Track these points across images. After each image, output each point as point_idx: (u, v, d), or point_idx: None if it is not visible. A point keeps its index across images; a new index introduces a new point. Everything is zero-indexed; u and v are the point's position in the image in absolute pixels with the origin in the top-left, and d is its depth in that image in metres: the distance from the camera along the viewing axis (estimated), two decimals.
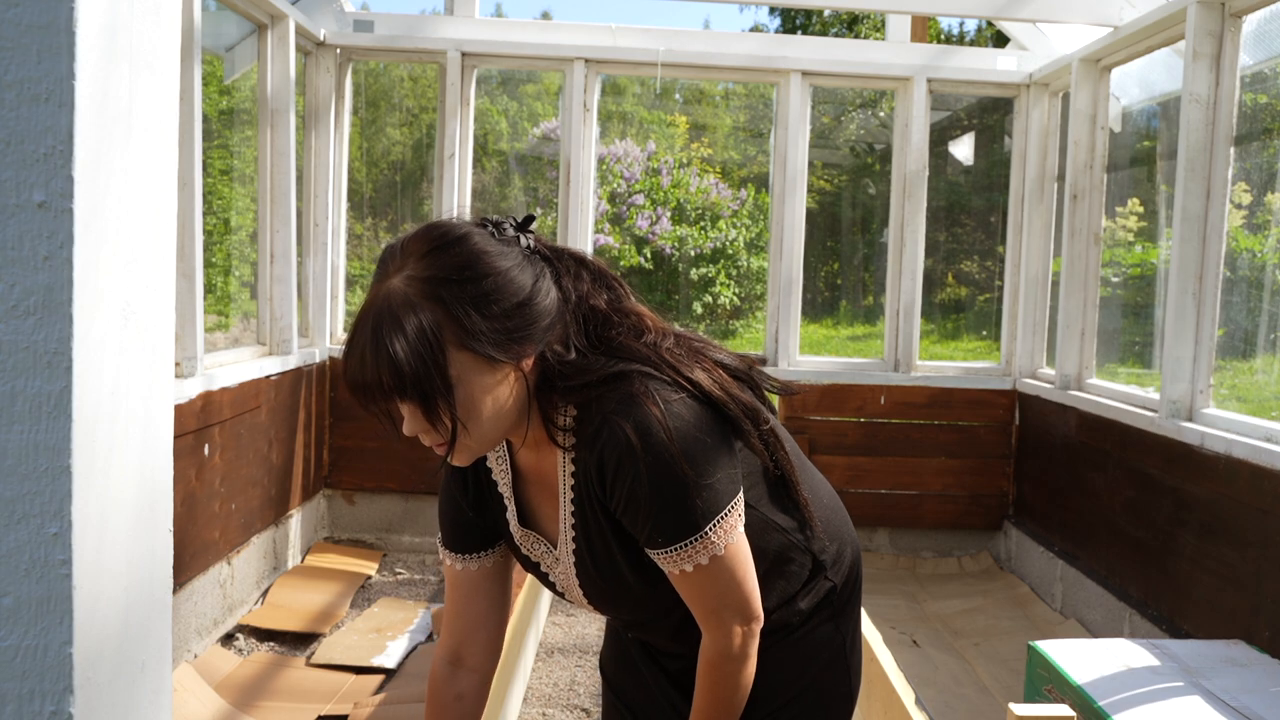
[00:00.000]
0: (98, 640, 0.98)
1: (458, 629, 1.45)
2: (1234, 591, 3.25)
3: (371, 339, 1.13)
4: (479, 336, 1.14)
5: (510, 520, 1.40)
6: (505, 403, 1.20)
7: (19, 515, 0.91)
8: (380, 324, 1.13)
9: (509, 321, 1.16)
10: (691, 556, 1.22)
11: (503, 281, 1.16)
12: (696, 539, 1.21)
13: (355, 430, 5.03)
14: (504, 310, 1.15)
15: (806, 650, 1.41)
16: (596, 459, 1.21)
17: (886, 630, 4.12)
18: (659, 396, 1.20)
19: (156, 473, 1.10)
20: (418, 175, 5.92)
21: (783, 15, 17.84)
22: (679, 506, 1.20)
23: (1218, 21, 3.55)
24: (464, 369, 1.15)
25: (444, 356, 1.13)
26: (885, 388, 5.09)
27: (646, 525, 1.22)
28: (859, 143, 6.53)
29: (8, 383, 0.90)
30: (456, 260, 1.15)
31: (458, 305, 1.13)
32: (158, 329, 1.09)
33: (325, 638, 3.92)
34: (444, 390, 1.14)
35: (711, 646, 1.28)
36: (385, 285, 1.15)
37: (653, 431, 1.18)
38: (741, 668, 1.29)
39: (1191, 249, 3.59)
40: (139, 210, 1.04)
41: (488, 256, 1.16)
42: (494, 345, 1.15)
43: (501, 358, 1.16)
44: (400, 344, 1.11)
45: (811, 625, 1.41)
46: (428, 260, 1.15)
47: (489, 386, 1.17)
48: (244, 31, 4.47)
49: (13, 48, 0.89)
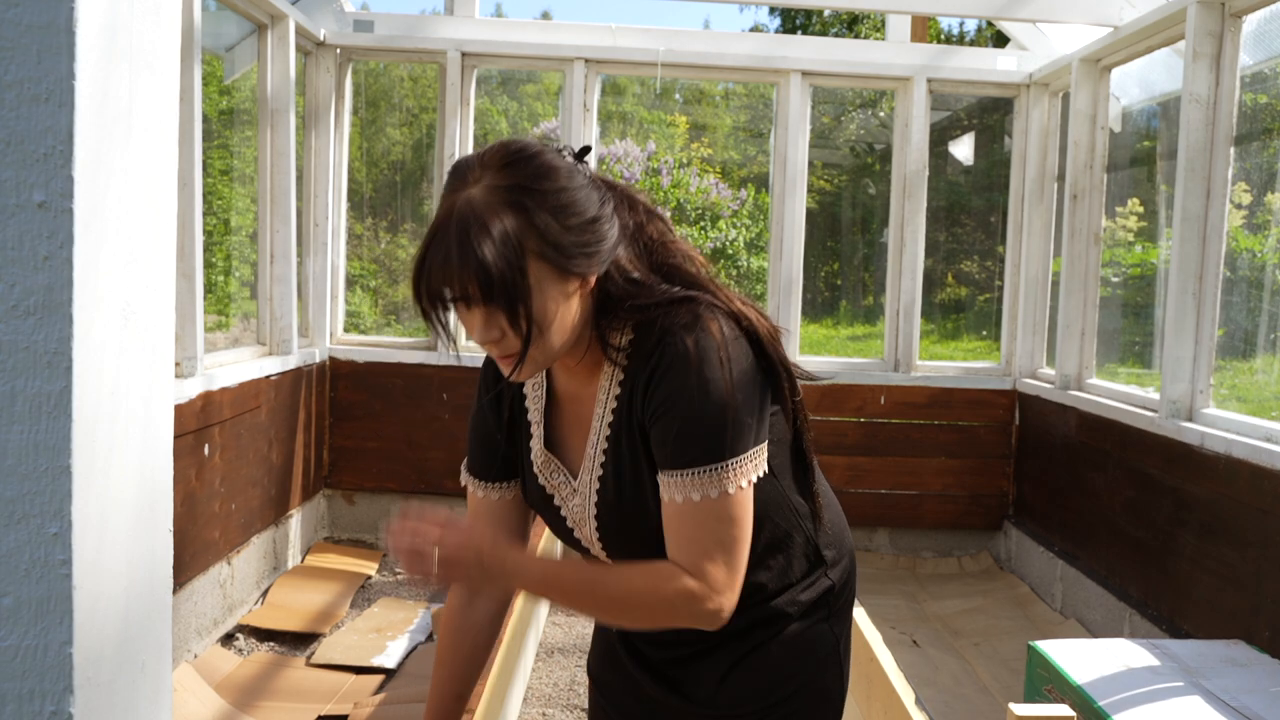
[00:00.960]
0: (98, 640, 0.98)
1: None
2: (1234, 591, 3.25)
3: (458, 243, 1.13)
4: (556, 247, 1.16)
5: (534, 446, 1.39)
6: (572, 318, 1.22)
7: (19, 515, 0.91)
8: (467, 229, 1.14)
9: (582, 235, 1.18)
10: (702, 485, 1.20)
11: (577, 196, 1.19)
12: (716, 468, 1.20)
13: (355, 430, 5.03)
14: (578, 224, 1.18)
15: (804, 648, 1.39)
16: (649, 366, 1.23)
17: (886, 630, 4.12)
18: (723, 323, 1.24)
19: (156, 473, 1.11)
20: (418, 175, 5.92)
21: (783, 15, 17.85)
22: (712, 429, 1.20)
23: (1218, 21, 3.55)
24: (540, 278, 1.17)
25: (526, 263, 1.15)
26: (885, 388, 5.09)
27: (673, 438, 1.21)
28: (859, 143, 6.53)
29: (8, 383, 0.90)
30: (535, 171, 1.17)
31: (538, 214, 1.16)
32: (158, 329, 1.09)
33: (325, 638, 3.92)
34: (526, 296, 1.15)
35: (679, 574, 1.20)
36: (464, 194, 1.16)
37: (711, 350, 1.21)
38: (674, 607, 1.21)
39: (1191, 249, 3.59)
40: (139, 210, 1.03)
41: (562, 171, 1.19)
42: (568, 257, 1.17)
43: (574, 270, 1.18)
44: (488, 248, 1.13)
45: (809, 622, 1.40)
46: (507, 171, 1.17)
47: (560, 298, 1.19)
48: (244, 31, 4.47)
49: (13, 48, 0.89)
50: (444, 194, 1.19)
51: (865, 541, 5.22)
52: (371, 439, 5.02)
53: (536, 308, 1.17)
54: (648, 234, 1.31)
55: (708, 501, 1.20)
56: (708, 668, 1.39)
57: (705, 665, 1.39)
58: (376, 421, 5.01)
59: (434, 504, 4.69)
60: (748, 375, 1.23)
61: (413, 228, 6.01)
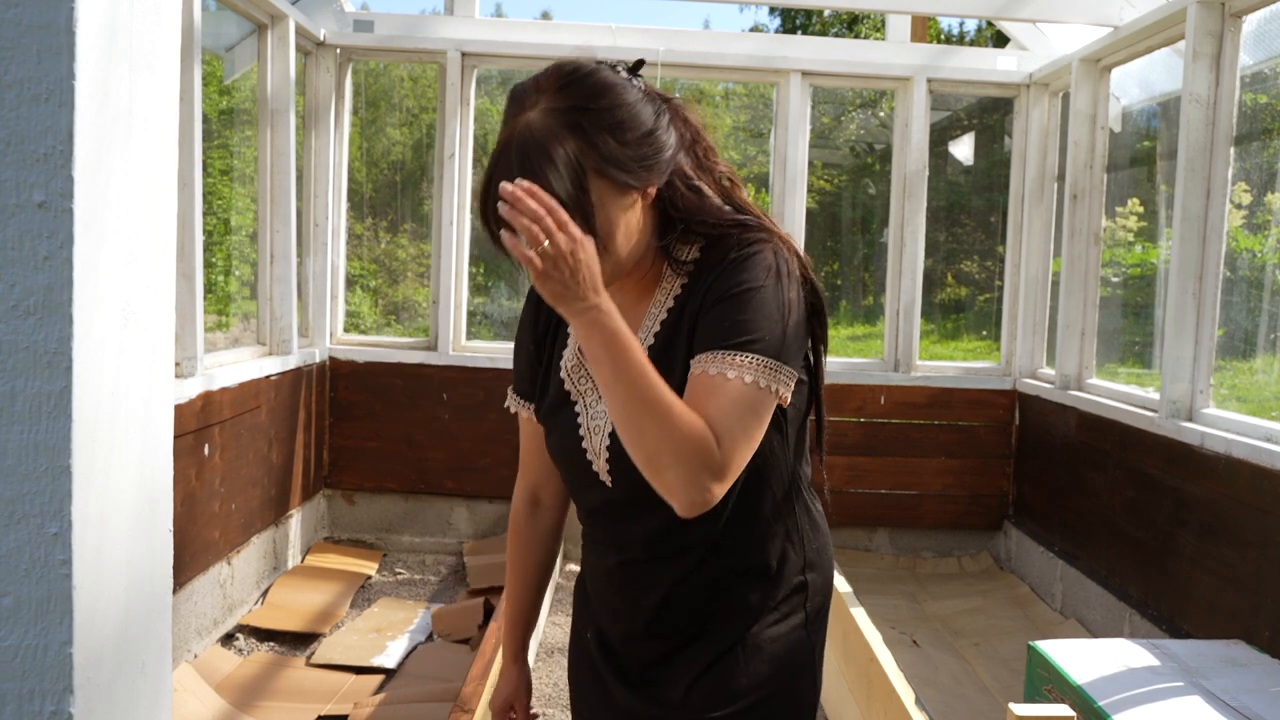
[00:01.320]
0: (98, 640, 0.98)
1: (531, 472, 1.54)
2: (1234, 591, 3.25)
3: (520, 169, 1.16)
4: (615, 163, 1.19)
5: (567, 352, 1.39)
6: (635, 230, 1.25)
7: (19, 515, 0.91)
8: (527, 153, 1.17)
9: (639, 149, 1.21)
10: (754, 370, 1.19)
11: (633, 111, 1.21)
12: (770, 364, 1.20)
13: (355, 430, 5.03)
14: (635, 138, 1.21)
15: (780, 652, 1.37)
16: (719, 267, 1.25)
17: (886, 630, 4.12)
18: (791, 259, 1.28)
19: (156, 473, 1.11)
20: (418, 175, 5.92)
21: (783, 15, 17.85)
22: (774, 327, 1.21)
23: (1218, 21, 3.55)
24: (602, 194, 1.19)
25: (587, 181, 1.18)
26: (885, 388, 5.09)
27: (736, 319, 1.21)
28: (859, 143, 6.52)
29: (8, 383, 0.90)
30: (590, 90, 1.20)
31: (595, 133, 1.18)
32: (158, 329, 1.09)
33: (325, 638, 3.92)
34: (590, 215, 1.17)
35: (707, 429, 1.17)
36: (523, 119, 1.19)
37: (783, 268, 1.25)
38: (686, 448, 1.15)
39: (1191, 249, 3.59)
40: (139, 210, 1.03)
41: (617, 88, 1.22)
42: (627, 172, 1.20)
43: (634, 184, 1.21)
44: (550, 171, 1.15)
45: (786, 627, 1.38)
46: (563, 93, 1.20)
47: (622, 212, 1.22)
48: (244, 31, 4.47)
49: (13, 48, 0.89)
50: (504, 122, 1.22)
51: (865, 541, 5.22)
52: (371, 439, 5.02)
53: (601, 224, 1.19)
54: (703, 145, 1.33)
55: (752, 389, 1.19)
56: (682, 665, 1.37)
57: (680, 663, 1.37)
58: (376, 421, 5.01)
59: (434, 504, 4.69)
60: (802, 311, 1.27)
61: (413, 228, 6.01)
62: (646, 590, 1.38)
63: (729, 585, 1.35)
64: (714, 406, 1.17)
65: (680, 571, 1.35)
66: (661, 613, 1.36)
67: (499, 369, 4.97)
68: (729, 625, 1.36)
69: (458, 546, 5.06)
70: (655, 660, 1.39)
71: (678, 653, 1.38)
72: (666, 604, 1.36)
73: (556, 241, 1.07)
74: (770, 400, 1.21)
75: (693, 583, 1.35)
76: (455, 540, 5.07)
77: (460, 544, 5.05)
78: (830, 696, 3.32)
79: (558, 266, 1.08)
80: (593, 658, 1.48)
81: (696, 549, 1.34)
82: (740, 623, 1.36)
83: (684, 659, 1.37)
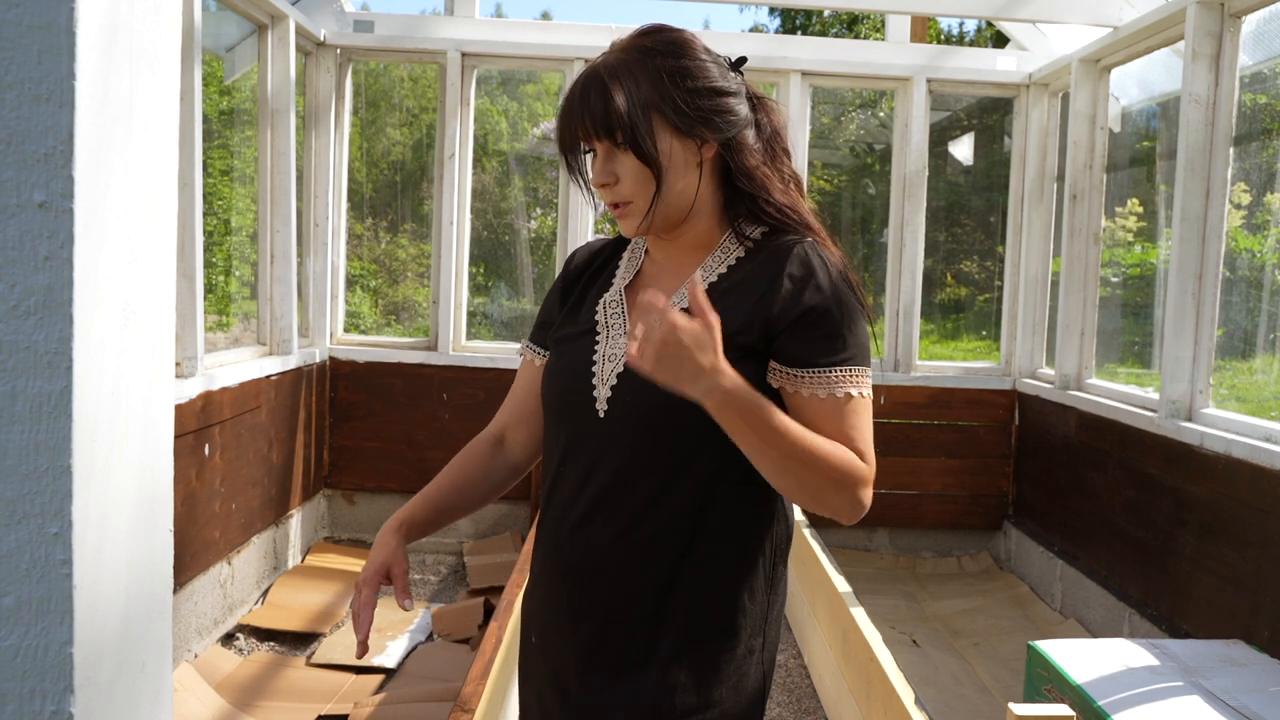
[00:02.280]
0: (98, 640, 0.98)
1: (508, 414, 1.56)
2: (1234, 591, 3.26)
3: (591, 92, 1.29)
4: (673, 103, 1.29)
5: (608, 295, 1.41)
6: (688, 181, 1.32)
7: (19, 515, 0.91)
8: (599, 80, 1.30)
9: (700, 100, 1.30)
10: (858, 382, 1.28)
11: (702, 67, 1.31)
12: (857, 369, 1.28)
13: (355, 430, 5.03)
14: (697, 89, 1.30)
15: (734, 677, 1.34)
16: (796, 263, 1.30)
17: (886, 630, 4.12)
18: (843, 263, 1.34)
19: (156, 473, 1.11)
20: (418, 175, 5.92)
21: (783, 15, 17.84)
22: (859, 336, 1.30)
23: (1217, 22, 3.55)
24: (661, 129, 1.29)
25: (650, 112, 1.29)
26: (885, 388, 5.09)
27: (830, 336, 1.28)
28: (859, 143, 6.52)
29: (8, 383, 0.90)
30: (667, 40, 1.32)
31: (660, 73, 1.29)
32: (158, 329, 1.09)
33: (325, 638, 3.92)
34: (648, 138, 1.28)
35: (851, 453, 1.26)
36: (606, 56, 1.33)
37: (848, 275, 1.33)
38: (844, 479, 1.24)
39: (1191, 249, 3.59)
40: (139, 210, 1.04)
41: (693, 46, 1.32)
42: (680, 115, 1.29)
43: (694, 133, 1.30)
44: (617, 93, 1.28)
45: (744, 652, 1.34)
46: (642, 39, 1.32)
47: (679, 155, 1.31)
48: (244, 32, 4.47)
49: (13, 48, 0.89)
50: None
51: (865, 541, 5.22)
52: (371, 439, 5.02)
53: (660, 151, 1.29)
54: (781, 144, 1.39)
55: (858, 400, 1.28)
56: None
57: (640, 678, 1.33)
58: (376, 421, 5.01)
59: None
60: (860, 309, 1.32)
61: (413, 228, 6.01)
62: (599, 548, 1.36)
63: (699, 604, 1.32)
64: (849, 423, 1.27)
65: (633, 514, 1.32)
66: (606, 653, 1.34)
67: (499, 369, 4.97)
68: (692, 644, 1.32)
69: (458, 546, 5.06)
70: (591, 700, 1.36)
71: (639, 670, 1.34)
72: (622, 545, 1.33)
73: (652, 328, 1.12)
74: (869, 404, 1.32)
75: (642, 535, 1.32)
76: (455, 540, 5.07)
77: (460, 544, 5.06)
78: (830, 696, 3.32)
79: (666, 348, 1.12)
80: (536, 679, 1.50)
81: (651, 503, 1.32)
82: (699, 645, 1.32)
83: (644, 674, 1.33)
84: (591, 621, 1.35)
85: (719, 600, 1.33)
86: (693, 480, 1.29)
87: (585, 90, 1.30)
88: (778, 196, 1.35)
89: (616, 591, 1.33)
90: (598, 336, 1.38)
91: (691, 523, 1.31)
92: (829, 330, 1.27)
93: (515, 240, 5.97)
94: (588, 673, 1.36)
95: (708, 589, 1.33)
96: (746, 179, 1.34)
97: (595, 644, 1.35)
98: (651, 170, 1.29)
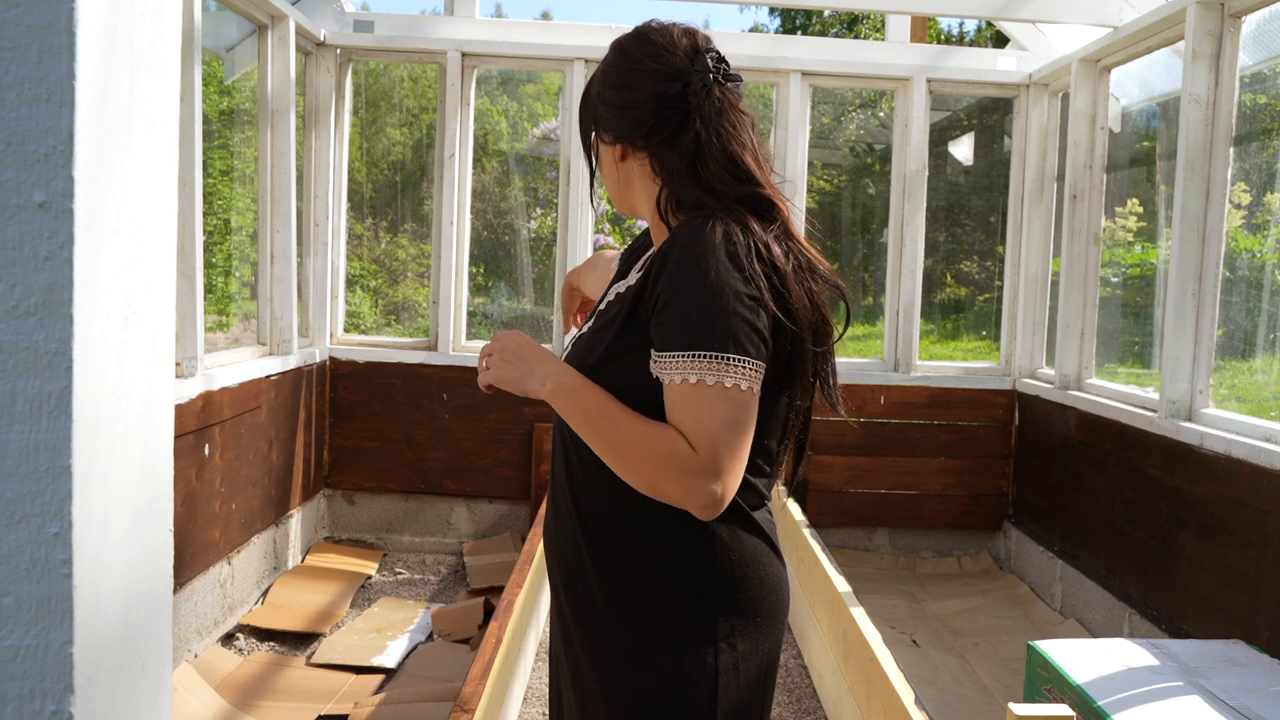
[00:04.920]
0: (98, 640, 0.98)
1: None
2: (1233, 591, 3.26)
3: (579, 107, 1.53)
4: (593, 109, 1.48)
5: (631, 274, 1.50)
6: (620, 174, 1.47)
7: (19, 515, 0.91)
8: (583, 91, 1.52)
9: (604, 106, 1.45)
10: (700, 369, 1.25)
11: (617, 73, 1.44)
12: (715, 356, 1.25)
13: (355, 430, 5.03)
14: (603, 96, 1.45)
15: (675, 661, 1.34)
16: (665, 246, 1.34)
17: (886, 630, 4.12)
18: (735, 235, 1.32)
19: (156, 473, 1.11)
20: (418, 175, 5.92)
21: (783, 15, 17.84)
22: (709, 317, 1.26)
23: (1217, 22, 3.55)
24: (600, 128, 1.48)
25: (594, 122, 1.48)
26: (885, 388, 5.09)
27: (674, 319, 1.28)
28: (859, 143, 6.52)
29: (8, 383, 0.90)
30: (613, 49, 1.47)
31: (601, 82, 1.47)
32: (158, 329, 1.09)
33: (325, 637, 3.92)
34: (589, 149, 1.51)
35: (679, 438, 1.25)
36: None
37: (708, 249, 1.29)
38: (667, 464, 1.24)
39: (1191, 249, 3.59)
40: (140, 210, 1.04)
41: (637, 63, 1.42)
42: (593, 121, 1.48)
43: (605, 129, 1.46)
44: (584, 109, 1.50)
45: (682, 648, 1.34)
46: (611, 50, 1.48)
47: (610, 156, 1.47)
48: (244, 32, 4.47)
49: (13, 48, 0.89)
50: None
51: (865, 541, 5.22)
52: (371, 439, 5.02)
53: (598, 157, 1.50)
54: (726, 124, 1.40)
55: (698, 387, 1.25)
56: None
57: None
58: (376, 421, 5.01)
59: (434, 504, 4.69)
60: (737, 288, 1.27)
61: (413, 228, 6.01)
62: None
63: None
64: (688, 409, 1.25)
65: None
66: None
67: None
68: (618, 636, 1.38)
69: (458, 546, 5.06)
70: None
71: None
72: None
73: (499, 338, 1.40)
74: (745, 395, 1.26)
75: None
76: (455, 540, 5.07)
77: (460, 544, 5.06)
78: (830, 696, 3.32)
79: (508, 349, 1.39)
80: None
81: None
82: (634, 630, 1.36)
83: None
84: (556, 611, 1.48)
85: (647, 589, 1.36)
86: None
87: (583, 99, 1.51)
88: (702, 187, 1.37)
89: (561, 582, 1.45)
90: (588, 325, 1.51)
91: (616, 509, 1.37)
92: (669, 316, 1.28)
93: (515, 240, 5.98)
94: (568, 666, 1.46)
95: (636, 576, 1.36)
96: (669, 175, 1.40)
97: (570, 621, 1.44)
98: (596, 161, 1.50)
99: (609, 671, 1.37)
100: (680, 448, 1.24)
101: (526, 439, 4.98)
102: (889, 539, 5.22)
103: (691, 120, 1.38)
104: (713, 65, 1.40)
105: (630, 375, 1.32)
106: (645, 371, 1.31)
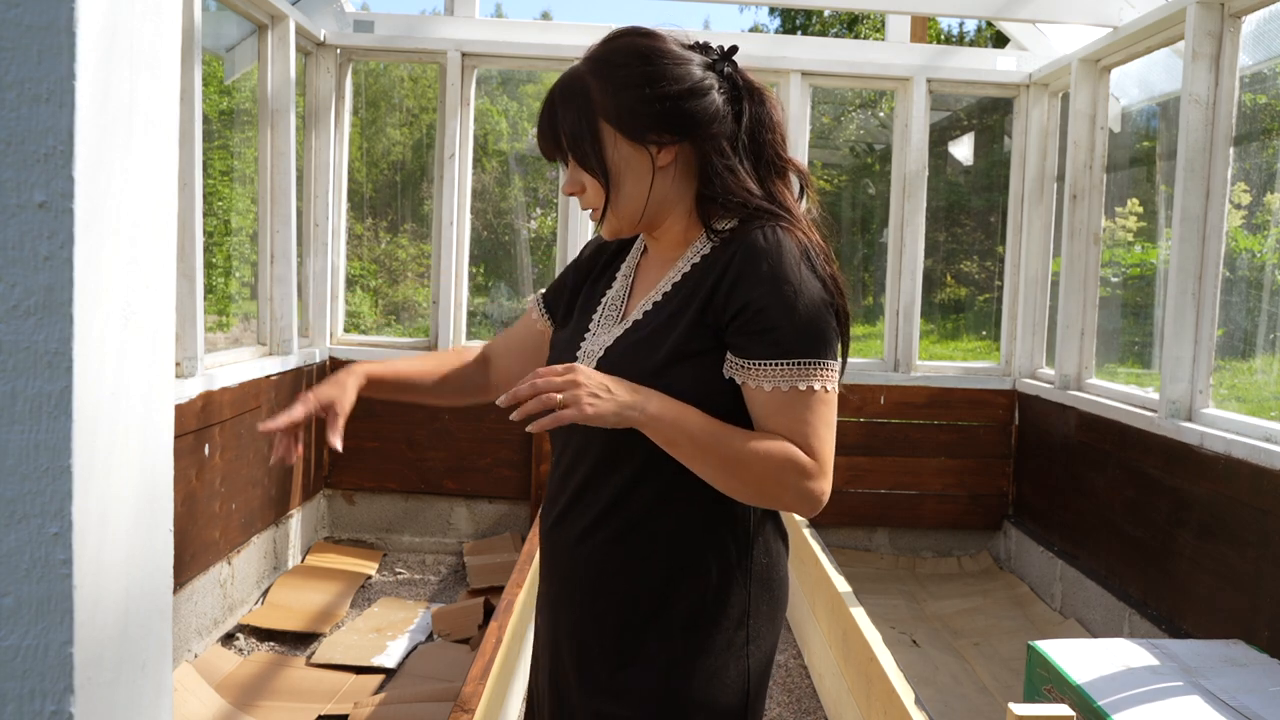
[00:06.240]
0: (98, 640, 0.98)
1: (500, 343, 1.64)
2: (1233, 591, 3.26)
3: (547, 109, 1.35)
4: (619, 111, 1.32)
5: (610, 293, 1.47)
6: (649, 184, 1.35)
7: (19, 515, 0.91)
8: (551, 99, 1.35)
9: (647, 107, 1.31)
10: (794, 376, 1.26)
11: (654, 72, 1.32)
12: (810, 363, 1.27)
13: (355, 430, 5.02)
14: (645, 96, 1.31)
15: (706, 672, 1.34)
16: (741, 253, 1.30)
17: (886, 630, 4.12)
18: (805, 240, 1.33)
19: (156, 473, 1.11)
20: (418, 175, 5.92)
21: (783, 15, 17.84)
22: (809, 324, 1.27)
23: (1217, 22, 3.55)
24: (615, 140, 1.33)
25: (596, 125, 1.32)
26: (885, 388, 5.09)
27: (767, 328, 1.27)
28: (859, 143, 6.52)
29: (8, 383, 0.90)
30: (621, 47, 1.35)
31: (609, 83, 1.32)
32: (158, 329, 1.09)
33: (325, 637, 3.92)
34: (594, 152, 1.33)
35: (793, 447, 1.27)
36: (572, 66, 1.37)
37: (794, 256, 1.29)
38: (785, 475, 1.26)
39: (1191, 249, 3.59)
40: (140, 210, 1.04)
41: (652, 51, 1.33)
42: (626, 124, 1.32)
43: (645, 139, 1.33)
44: (570, 111, 1.33)
45: (722, 645, 1.35)
46: (602, 47, 1.36)
47: (632, 161, 1.34)
48: (244, 32, 4.47)
49: (13, 48, 0.89)
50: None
51: (865, 541, 5.22)
52: (371, 439, 5.02)
53: (611, 164, 1.33)
54: (766, 131, 1.37)
55: (806, 393, 1.27)
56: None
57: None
58: (376, 421, 5.01)
59: (434, 504, 4.68)
60: (822, 294, 1.30)
61: (413, 228, 6.01)
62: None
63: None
64: (793, 416, 1.27)
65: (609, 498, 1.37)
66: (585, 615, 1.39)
67: None
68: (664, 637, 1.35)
69: (458, 546, 5.06)
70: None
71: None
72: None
73: (554, 384, 1.20)
74: (831, 396, 1.29)
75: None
76: (455, 540, 5.07)
77: (460, 544, 5.06)
78: (830, 696, 3.32)
79: (579, 392, 1.20)
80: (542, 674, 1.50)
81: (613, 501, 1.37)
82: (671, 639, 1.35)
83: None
84: (573, 615, 1.40)
85: (691, 594, 1.34)
86: (662, 473, 1.32)
87: (544, 111, 1.36)
88: (743, 186, 1.34)
89: (589, 587, 1.38)
90: (586, 334, 1.43)
91: (662, 515, 1.34)
92: (768, 322, 1.27)
93: (515, 240, 5.98)
94: (574, 668, 1.41)
95: (679, 582, 1.34)
96: (711, 174, 1.35)
97: (578, 637, 1.39)
98: (600, 181, 1.34)
99: (647, 675, 1.34)
100: (797, 455, 1.26)
101: (526, 439, 4.98)
102: (889, 539, 5.22)
103: (743, 107, 1.36)
104: (720, 57, 1.39)
105: (694, 380, 1.30)
106: (712, 376, 1.30)
